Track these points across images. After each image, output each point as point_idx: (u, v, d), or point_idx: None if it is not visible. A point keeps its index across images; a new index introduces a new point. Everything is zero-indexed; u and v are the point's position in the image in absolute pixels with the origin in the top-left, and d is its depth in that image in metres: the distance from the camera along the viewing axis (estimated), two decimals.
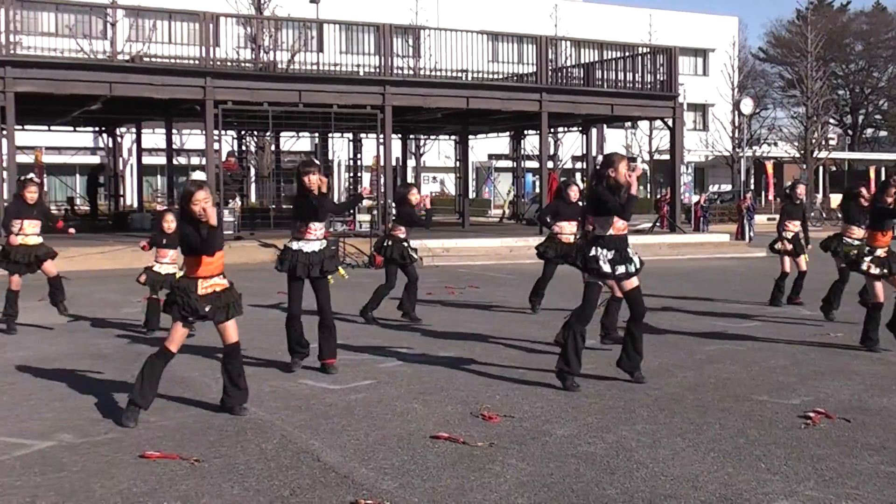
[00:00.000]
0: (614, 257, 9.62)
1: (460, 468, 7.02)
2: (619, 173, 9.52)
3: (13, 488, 6.64)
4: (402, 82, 29.94)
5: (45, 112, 32.17)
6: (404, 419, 8.44)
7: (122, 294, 17.56)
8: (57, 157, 50.09)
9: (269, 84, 28.21)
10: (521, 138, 42.33)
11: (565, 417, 8.48)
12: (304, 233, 10.57)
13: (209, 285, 8.37)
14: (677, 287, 19.06)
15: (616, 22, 67.25)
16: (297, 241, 10.58)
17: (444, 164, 61.47)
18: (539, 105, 31.09)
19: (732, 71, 68.24)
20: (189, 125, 42.88)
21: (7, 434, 8.00)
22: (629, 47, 35.41)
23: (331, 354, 10.57)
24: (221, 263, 8.51)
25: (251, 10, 44.49)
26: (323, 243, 10.73)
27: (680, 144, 33.98)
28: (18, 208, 13.67)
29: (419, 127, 41.59)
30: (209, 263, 8.38)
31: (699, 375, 10.35)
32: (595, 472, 6.93)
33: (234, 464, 7.13)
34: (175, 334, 8.41)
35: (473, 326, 13.94)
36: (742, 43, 76.93)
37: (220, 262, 8.47)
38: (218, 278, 8.45)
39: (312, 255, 10.50)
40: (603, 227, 9.66)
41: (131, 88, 26.66)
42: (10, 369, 10.80)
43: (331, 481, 6.75)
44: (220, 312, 8.38)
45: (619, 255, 9.64)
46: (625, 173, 9.48)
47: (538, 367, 10.65)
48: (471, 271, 23.38)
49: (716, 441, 7.72)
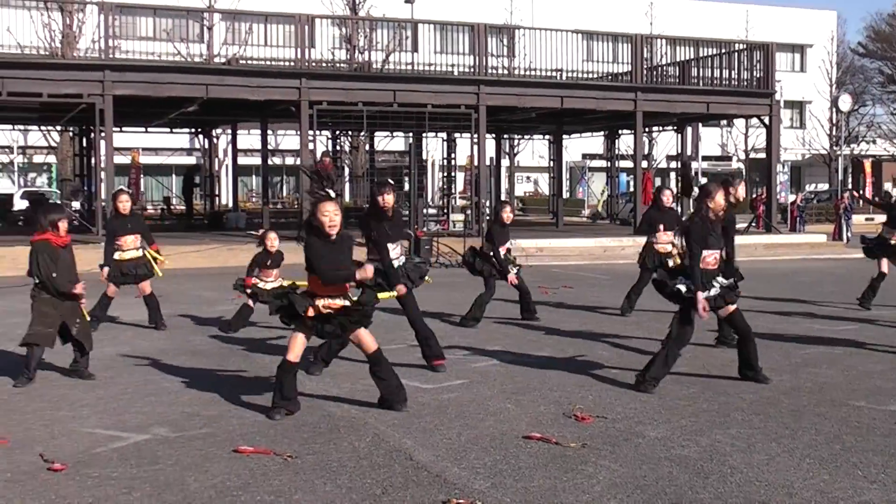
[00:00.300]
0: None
1: (552, 469, 6.96)
2: (716, 203, 9.42)
3: (110, 479, 6.73)
4: (497, 82, 29.89)
5: (142, 114, 32.73)
6: (497, 419, 8.39)
7: (218, 292, 17.75)
8: (154, 158, 50.97)
9: (364, 84, 28.35)
10: (616, 138, 42.06)
11: (658, 419, 8.36)
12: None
13: (325, 304, 8.31)
14: (773, 289, 18.73)
15: (712, 18, 66.40)
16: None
17: (538, 164, 61.37)
18: (634, 104, 30.84)
19: (830, 67, 67.11)
20: (284, 126, 43.32)
21: (104, 427, 8.12)
22: (725, 44, 34.94)
23: (438, 355, 10.63)
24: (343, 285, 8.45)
25: (346, 10, 44.84)
26: (401, 259, 10.71)
27: (776, 143, 33.45)
28: (115, 226, 13.76)
29: (513, 126, 41.50)
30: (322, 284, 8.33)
31: (795, 379, 10.13)
32: (688, 475, 6.82)
33: (326, 461, 7.14)
34: (295, 343, 8.41)
35: (566, 326, 13.83)
36: (841, 38, 75.43)
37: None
38: (338, 298, 8.35)
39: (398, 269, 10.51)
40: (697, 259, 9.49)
41: (227, 90, 26.99)
42: (108, 364, 10.96)
43: (423, 480, 6.73)
44: (336, 329, 8.39)
45: (704, 287, 9.43)
46: (723, 204, 9.42)
47: (631, 368, 10.52)
48: (564, 271, 23.24)
49: (811, 447, 7.54)
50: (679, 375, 10.10)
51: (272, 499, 6.34)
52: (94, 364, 10.88)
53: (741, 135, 63.78)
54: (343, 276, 8.26)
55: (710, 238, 9.46)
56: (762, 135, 41.93)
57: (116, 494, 6.43)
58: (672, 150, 42.23)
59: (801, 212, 38.87)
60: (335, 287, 8.33)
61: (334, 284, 8.28)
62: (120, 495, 6.42)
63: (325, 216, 8.21)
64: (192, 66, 29.83)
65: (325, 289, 8.29)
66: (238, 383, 9.89)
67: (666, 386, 9.63)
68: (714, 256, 9.54)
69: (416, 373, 10.37)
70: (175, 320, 14.44)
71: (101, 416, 8.51)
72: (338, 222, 8.27)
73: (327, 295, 8.31)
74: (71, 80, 25.48)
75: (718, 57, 33.55)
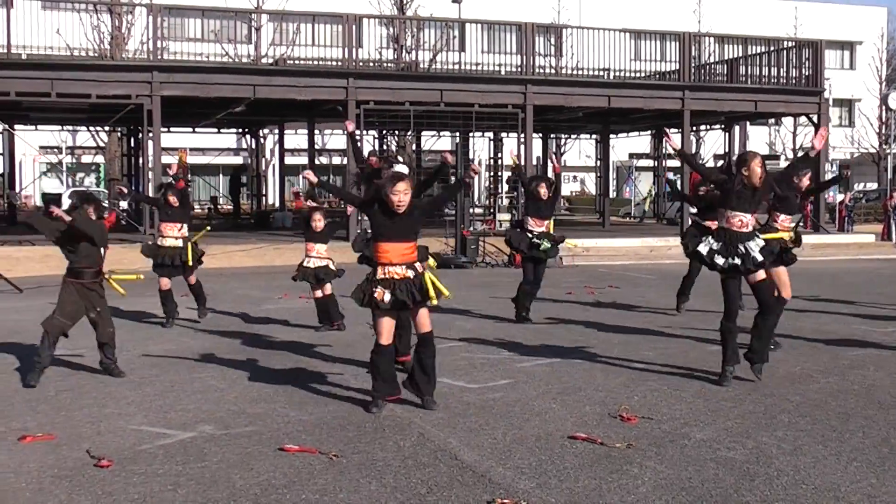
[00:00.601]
0: (720, 249, 9.68)
1: (598, 469, 6.92)
2: (751, 171, 9.59)
3: (156, 476, 6.76)
4: (544, 81, 29.81)
5: (190, 114, 32.97)
6: (542, 419, 8.36)
7: (264, 291, 17.83)
8: (201, 158, 51.25)
9: (411, 84, 28.37)
10: (663, 137, 41.80)
11: (704, 421, 8.29)
12: None
13: (389, 272, 8.50)
14: (820, 289, 18.53)
15: (760, 15, 65.82)
16: None
17: (585, 164, 61.17)
18: (681, 103, 30.63)
19: (881, 64, 66.31)
20: (331, 125, 43.46)
21: (150, 424, 8.17)
22: (774, 41, 34.60)
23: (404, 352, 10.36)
24: (409, 254, 8.58)
25: (393, 10, 44.87)
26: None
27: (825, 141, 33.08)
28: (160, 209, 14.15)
29: (560, 126, 41.40)
30: (387, 251, 8.51)
31: (842, 381, 10.00)
32: (734, 477, 6.75)
33: (371, 460, 7.13)
34: (381, 327, 8.61)
35: (612, 326, 13.77)
36: (891, 34, 74.45)
37: (404, 252, 8.55)
38: (399, 267, 8.51)
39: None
40: (720, 220, 9.93)
41: (275, 91, 27.12)
42: (155, 361, 11.04)
43: (468, 480, 6.71)
44: (395, 301, 8.47)
45: (726, 247, 9.64)
46: (759, 172, 9.56)
47: (677, 369, 10.46)
48: (611, 271, 23.15)
49: (859, 450, 7.43)
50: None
51: (317, 497, 6.35)
52: (141, 362, 11.00)
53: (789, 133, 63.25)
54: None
55: (739, 201, 9.65)
56: (810, 133, 41.56)
57: (162, 491, 6.46)
58: (719, 148, 41.93)
59: (850, 211, 38.43)
60: (402, 256, 8.51)
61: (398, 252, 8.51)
62: (165, 492, 6.45)
63: (395, 195, 8.39)
64: (239, 67, 30.01)
65: (391, 257, 8.50)
66: (284, 381, 9.91)
67: (712, 387, 9.57)
68: (740, 219, 9.67)
69: (461, 372, 10.36)
70: (221, 318, 14.52)
71: (147, 414, 8.56)
72: (406, 202, 8.45)
73: (392, 263, 8.51)
74: (119, 81, 25.71)
75: (767, 55, 33.25)
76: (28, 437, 7.69)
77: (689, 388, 9.58)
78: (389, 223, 8.50)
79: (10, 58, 27.43)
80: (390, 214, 8.48)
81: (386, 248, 8.53)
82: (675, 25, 46.03)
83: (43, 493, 6.45)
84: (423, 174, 34.58)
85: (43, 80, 24.93)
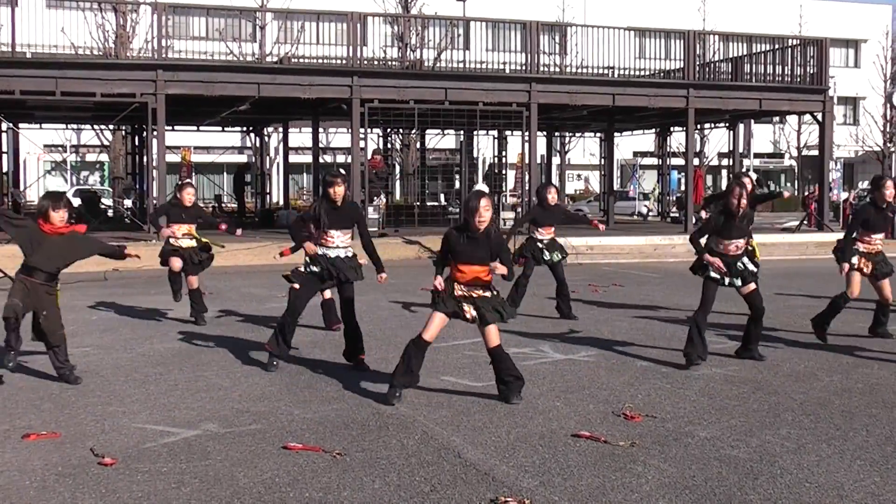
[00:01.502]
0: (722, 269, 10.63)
1: (601, 468, 6.92)
2: (731, 201, 10.55)
3: (160, 474, 6.77)
4: (549, 79, 29.82)
5: (194, 113, 32.97)
6: (546, 417, 8.36)
7: (268, 289, 17.82)
8: (205, 157, 51.32)
9: (416, 82, 28.36)
10: (667, 135, 41.78)
11: (708, 419, 8.29)
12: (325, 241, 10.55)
13: (467, 291, 8.67)
14: (824, 288, 18.42)
15: (765, 13, 65.86)
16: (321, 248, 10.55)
17: (589, 162, 61.18)
18: (686, 101, 30.61)
19: (885, 62, 66.28)
20: (335, 123, 43.46)
21: (154, 422, 8.17)
22: (778, 39, 34.55)
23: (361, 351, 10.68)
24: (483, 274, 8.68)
25: (398, 9, 44.96)
26: (349, 249, 10.65)
27: (829, 139, 33.08)
28: (169, 212, 14.11)
29: (565, 124, 41.38)
30: (465, 272, 8.66)
31: (846, 380, 9.99)
32: (738, 476, 6.75)
33: (375, 458, 7.14)
34: (431, 324, 8.71)
35: (617, 325, 13.77)
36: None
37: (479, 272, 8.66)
38: (476, 288, 8.67)
39: (336, 259, 10.51)
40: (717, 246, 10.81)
41: (279, 89, 27.12)
42: (158, 360, 11.05)
43: (471, 478, 6.71)
44: (482, 316, 8.65)
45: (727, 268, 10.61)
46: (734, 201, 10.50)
47: (681, 368, 10.45)
48: (615, 269, 23.14)
49: (863, 449, 7.43)
50: (729, 375, 10.06)
51: (321, 495, 6.35)
52: (145, 360, 11.01)
53: (794, 131, 63.27)
54: None
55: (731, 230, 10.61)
56: (815, 131, 41.51)
57: (166, 489, 6.47)
58: (724, 147, 41.92)
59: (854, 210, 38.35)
60: (476, 277, 8.65)
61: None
62: (169, 490, 6.45)
63: (477, 215, 8.57)
64: (244, 66, 30.02)
65: (467, 277, 8.65)
66: (288, 380, 9.92)
67: (716, 386, 9.58)
68: (735, 245, 10.65)
69: (465, 370, 10.36)
70: (225, 317, 14.54)
71: (152, 412, 8.56)
72: (486, 218, 8.58)
73: (468, 283, 8.67)
74: (124, 79, 25.73)
75: (771, 53, 33.20)
76: (32, 435, 7.70)
77: (693, 386, 9.58)
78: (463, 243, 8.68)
79: (15, 56, 27.54)
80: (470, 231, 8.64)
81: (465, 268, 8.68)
82: (680, 24, 46.02)
83: (47, 490, 6.46)
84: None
85: (47, 79, 24.95)
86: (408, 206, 37.22)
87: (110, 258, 10.89)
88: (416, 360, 8.75)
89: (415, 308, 15.23)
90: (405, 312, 14.96)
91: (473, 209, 8.57)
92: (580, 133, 47.53)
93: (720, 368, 10.43)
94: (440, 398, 9.02)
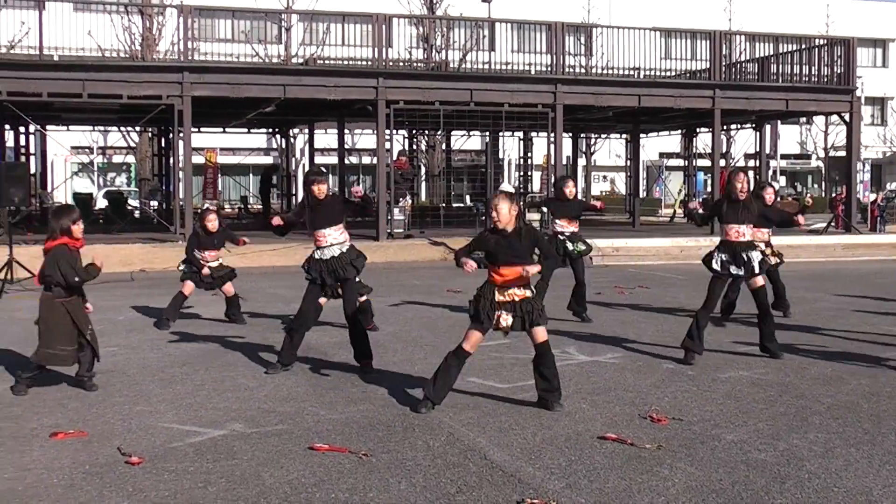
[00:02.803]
0: (727, 259, 11.05)
1: (628, 470, 6.89)
2: (732, 186, 10.99)
3: (187, 473, 6.79)
4: (574, 81, 29.73)
5: (220, 115, 33.07)
6: (572, 419, 8.33)
7: (295, 290, 17.79)
8: (231, 158, 51.48)
9: (441, 83, 28.35)
10: (693, 136, 41.64)
11: (735, 422, 8.24)
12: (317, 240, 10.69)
13: (509, 294, 8.55)
14: (852, 290, 18.41)
15: (792, 13, 65.47)
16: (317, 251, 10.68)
17: (615, 163, 61.04)
18: (712, 102, 30.49)
19: None
20: (361, 125, 43.53)
21: (181, 422, 8.20)
22: (805, 39, 34.35)
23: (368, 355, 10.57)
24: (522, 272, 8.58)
25: (423, 10, 44.94)
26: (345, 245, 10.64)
27: (857, 140, 32.87)
28: (200, 240, 14.12)
29: (590, 125, 41.30)
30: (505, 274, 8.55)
31: (874, 384, 9.89)
32: (765, 480, 6.71)
33: (401, 459, 7.14)
34: (471, 336, 8.59)
35: (642, 327, 13.72)
36: None
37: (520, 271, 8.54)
38: (517, 289, 8.55)
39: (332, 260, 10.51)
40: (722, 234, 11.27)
41: (305, 90, 27.15)
42: (185, 360, 11.08)
43: (497, 480, 6.69)
44: (516, 321, 8.53)
45: (732, 257, 11.01)
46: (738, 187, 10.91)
47: (708, 371, 10.41)
48: (641, 271, 23.06)
49: (891, 453, 7.36)
50: (756, 378, 10.00)
51: (346, 496, 6.35)
52: (171, 359, 11.06)
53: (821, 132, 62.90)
54: None
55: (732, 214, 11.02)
56: (842, 132, 41.27)
57: (192, 488, 6.49)
58: (750, 148, 41.73)
59: (882, 211, 38.05)
60: (517, 277, 8.52)
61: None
62: (196, 489, 6.47)
63: (494, 212, 8.56)
64: (269, 67, 30.13)
65: (508, 278, 8.54)
66: (314, 380, 9.94)
67: (743, 388, 9.53)
68: (736, 230, 11.03)
69: (491, 372, 10.35)
70: (252, 317, 14.57)
71: (178, 412, 8.59)
72: (503, 218, 8.50)
73: (510, 285, 8.55)
74: (150, 81, 25.83)
75: (798, 53, 33.01)
76: (60, 434, 7.75)
77: (720, 389, 9.53)
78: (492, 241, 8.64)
79: (43, 59, 27.69)
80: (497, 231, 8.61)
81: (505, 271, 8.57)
82: (706, 24, 45.83)
83: (74, 489, 6.49)
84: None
85: (75, 81, 25.08)
86: (433, 208, 37.21)
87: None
88: (454, 372, 8.64)
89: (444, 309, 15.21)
90: (430, 314, 14.94)
91: (492, 207, 8.58)
92: (606, 134, 47.45)
93: (746, 371, 10.38)
94: (466, 400, 9.01)
